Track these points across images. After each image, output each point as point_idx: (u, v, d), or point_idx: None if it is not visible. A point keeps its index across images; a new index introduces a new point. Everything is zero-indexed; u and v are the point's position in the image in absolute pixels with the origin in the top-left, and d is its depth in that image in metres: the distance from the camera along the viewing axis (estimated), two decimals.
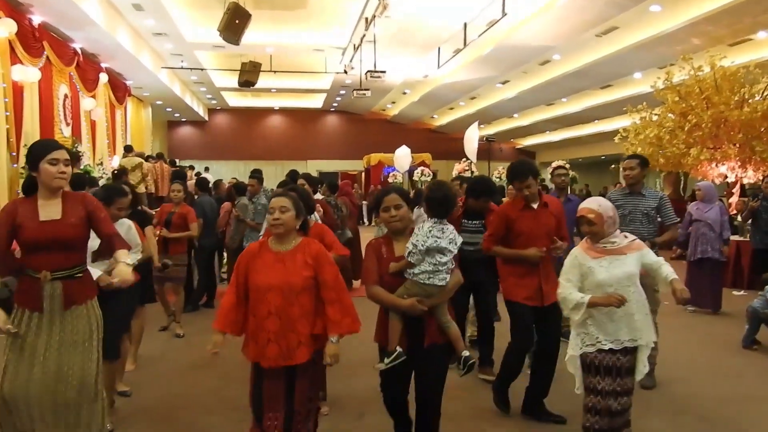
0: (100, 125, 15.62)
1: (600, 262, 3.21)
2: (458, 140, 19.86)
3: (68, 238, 3.11)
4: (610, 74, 15.72)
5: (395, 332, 3.23)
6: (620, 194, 5.07)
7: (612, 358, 3.18)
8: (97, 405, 3.17)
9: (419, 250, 3.20)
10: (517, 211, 4.29)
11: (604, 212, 3.24)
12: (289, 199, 3.15)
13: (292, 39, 15.87)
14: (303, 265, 3.05)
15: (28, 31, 10.98)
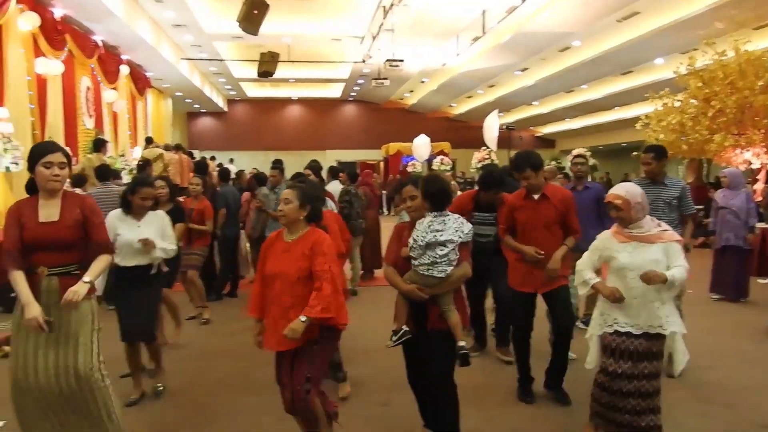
0: (122, 117, 15.79)
1: (625, 246, 3.31)
2: (477, 129, 19.76)
3: (64, 239, 3.22)
4: (632, 60, 15.52)
5: (401, 311, 3.43)
6: (642, 183, 4.99)
7: (630, 342, 3.25)
8: (102, 391, 3.26)
9: (419, 245, 3.34)
10: (520, 201, 4.40)
11: (632, 198, 3.29)
12: (293, 191, 3.30)
13: (310, 29, 15.88)
14: (300, 256, 3.19)
15: (50, 24, 11.10)
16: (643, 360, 3.23)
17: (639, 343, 3.23)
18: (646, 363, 3.23)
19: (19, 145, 9.57)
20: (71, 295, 3.09)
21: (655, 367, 3.27)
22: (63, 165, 3.24)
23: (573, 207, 4.39)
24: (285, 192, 3.35)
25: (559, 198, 4.35)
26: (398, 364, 3.71)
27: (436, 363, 3.39)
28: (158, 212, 4.55)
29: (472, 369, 3.49)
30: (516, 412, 4.24)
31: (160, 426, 4.03)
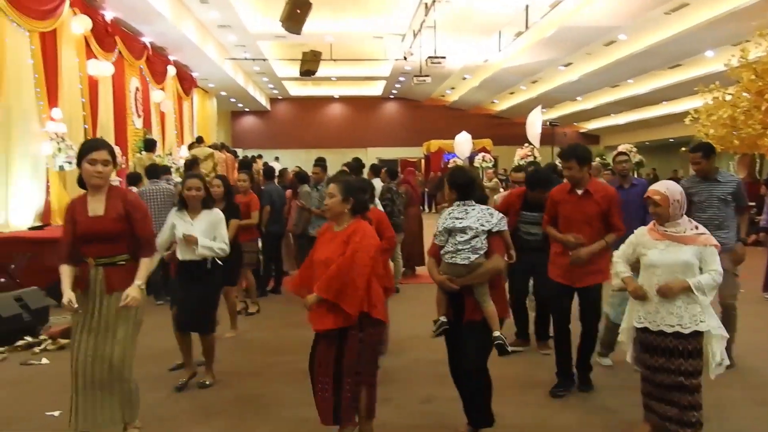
0: (169, 116, 16.19)
1: (657, 244, 3.33)
2: (519, 125, 19.54)
3: (109, 232, 3.39)
4: (680, 53, 15.10)
5: (440, 303, 3.56)
6: (694, 181, 4.97)
7: (660, 339, 3.28)
8: (126, 386, 3.42)
9: (440, 231, 3.51)
10: (563, 195, 4.44)
11: (671, 195, 3.29)
12: (336, 185, 3.48)
13: (352, 27, 15.96)
14: (341, 244, 3.37)
15: (101, 27, 11.45)
16: (678, 357, 3.24)
17: (669, 340, 3.25)
18: (682, 360, 3.23)
19: (72, 145, 9.91)
20: (131, 301, 3.29)
21: (691, 365, 3.24)
22: (107, 162, 3.39)
23: (616, 204, 4.36)
24: (330, 187, 3.51)
25: (601, 194, 4.34)
26: (441, 359, 3.72)
27: (469, 353, 3.44)
28: (213, 210, 4.64)
29: (514, 363, 3.51)
30: (562, 409, 4.20)
31: (204, 411, 4.12)
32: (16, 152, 9.13)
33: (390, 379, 4.67)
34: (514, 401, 4.21)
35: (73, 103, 10.68)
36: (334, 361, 3.33)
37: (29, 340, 5.67)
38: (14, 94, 8.98)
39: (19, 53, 9.13)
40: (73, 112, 10.65)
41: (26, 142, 9.37)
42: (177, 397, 4.43)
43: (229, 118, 29.19)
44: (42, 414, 4.07)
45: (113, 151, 3.49)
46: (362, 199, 3.56)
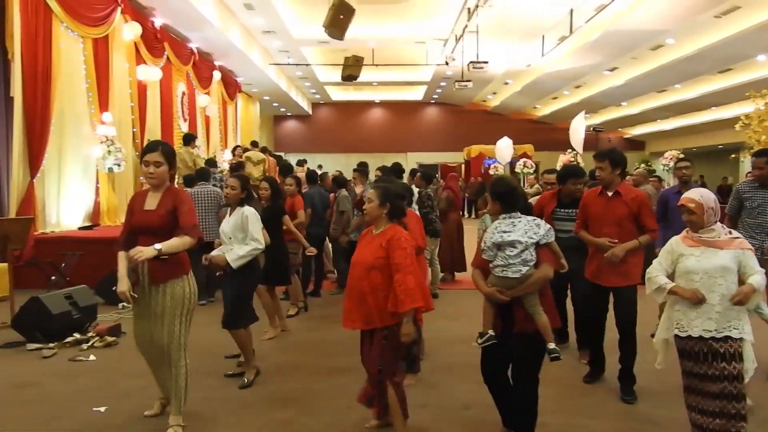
0: (214, 120, 16.53)
1: (693, 251, 3.31)
2: (562, 130, 19.27)
3: (155, 225, 3.60)
4: (730, 57, 14.67)
5: (487, 315, 3.53)
6: (750, 186, 5.01)
7: (701, 344, 3.24)
8: (178, 369, 3.67)
9: (488, 246, 3.47)
10: (593, 197, 4.57)
11: (705, 203, 3.30)
12: (374, 191, 3.63)
13: (394, 32, 16.02)
14: (378, 247, 3.49)
15: (150, 33, 11.78)
16: (720, 360, 3.22)
17: (709, 344, 3.23)
18: (725, 364, 3.21)
19: (121, 147, 10.21)
20: (134, 252, 3.42)
21: (735, 368, 3.21)
22: (158, 164, 3.64)
23: (647, 206, 4.46)
24: (369, 192, 3.66)
25: (631, 196, 4.45)
26: (479, 364, 3.70)
27: (521, 366, 3.43)
28: (245, 208, 4.75)
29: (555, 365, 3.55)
30: (601, 416, 4.12)
31: (246, 409, 4.18)
32: (68, 154, 9.45)
33: (428, 385, 4.66)
34: (550, 406, 4.15)
35: (123, 107, 11.01)
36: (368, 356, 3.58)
37: (78, 336, 5.84)
38: (67, 99, 9.31)
39: (73, 59, 9.47)
40: (123, 115, 10.98)
41: (78, 144, 9.70)
42: (218, 392, 4.50)
43: (272, 122, 29.60)
44: (89, 410, 4.18)
45: (168, 152, 3.71)
46: (399, 204, 3.67)
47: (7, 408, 4.25)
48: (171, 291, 3.61)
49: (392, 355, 3.52)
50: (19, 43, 7.98)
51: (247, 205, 4.80)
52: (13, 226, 6.57)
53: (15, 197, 8.16)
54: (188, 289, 3.68)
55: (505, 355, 3.48)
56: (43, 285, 7.44)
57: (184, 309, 3.65)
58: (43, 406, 4.27)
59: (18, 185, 8.20)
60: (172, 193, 3.69)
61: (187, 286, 3.68)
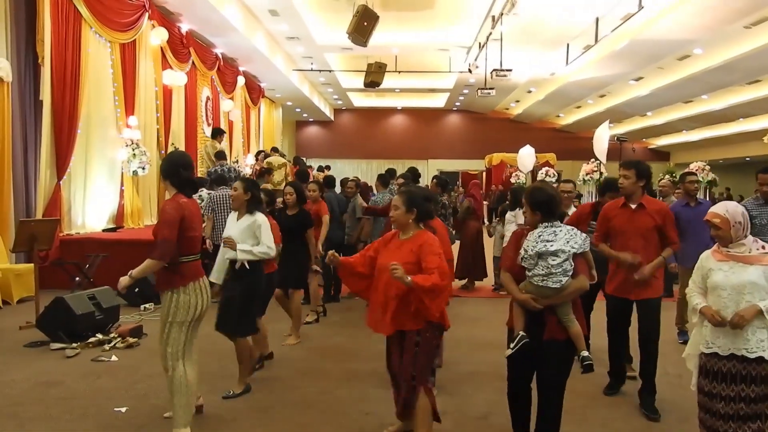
0: (237, 125, 16.67)
1: (721, 265, 3.21)
2: (585, 139, 19.12)
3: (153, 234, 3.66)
4: (760, 68, 14.44)
5: (518, 318, 3.43)
6: (756, 204, 5.11)
7: (722, 363, 3.16)
8: (172, 379, 3.64)
9: (529, 255, 3.34)
10: (615, 210, 4.53)
11: (731, 217, 3.18)
12: (399, 197, 3.65)
13: (418, 39, 16.02)
14: (408, 252, 3.48)
15: (177, 39, 11.94)
16: (739, 383, 3.11)
17: (732, 365, 3.13)
18: (743, 386, 3.10)
19: (146, 151, 10.33)
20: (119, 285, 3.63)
21: (753, 390, 3.11)
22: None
23: (670, 218, 4.47)
24: (394, 199, 3.69)
25: (655, 208, 4.45)
26: (498, 373, 3.65)
27: (550, 374, 3.37)
28: (255, 215, 4.67)
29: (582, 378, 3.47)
30: (625, 428, 4.06)
31: (263, 408, 4.18)
32: (94, 157, 9.59)
33: (447, 392, 4.63)
34: (572, 418, 4.09)
35: (148, 111, 11.15)
36: (397, 363, 3.56)
37: (100, 337, 5.90)
38: (94, 102, 9.46)
39: (101, 63, 9.62)
40: (148, 119, 11.13)
41: (103, 147, 9.84)
42: (233, 402, 4.50)
43: (294, 127, 29.78)
44: (111, 410, 4.22)
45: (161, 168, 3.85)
46: (426, 207, 3.66)
47: (31, 406, 4.30)
48: (173, 299, 3.61)
49: (426, 361, 3.51)
50: (50, 48, 8.12)
51: (258, 212, 4.71)
52: (40, 227, 6.68)
53: (42, 199, 8.29)
54: (193, 300, 3.65)
55: (532, 363, 3.41)
56: (68, 285, 7.55)
57: (184, 318, 3.63)
58: (66, 405, 4.31)
59: (45, 187, 8.34)
60: (162, 205, 3.78)
61: (192, 296, 3.65)
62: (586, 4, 11.92)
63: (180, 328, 3.64)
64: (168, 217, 3.57)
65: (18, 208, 7.99)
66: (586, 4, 11.90)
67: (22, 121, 8.01)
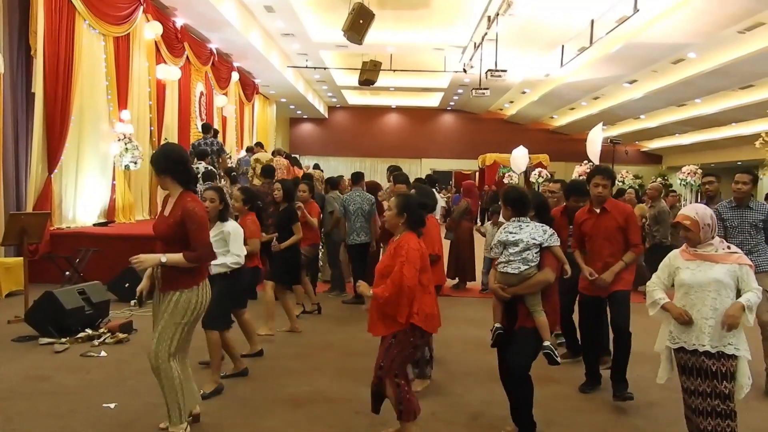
0: (230, 121, 16.61)
1: (689, 264, 3.36)
2: (578, 141, 19.18)
3: (162, 233, 3.53)
4: (753, 74, 14.54)
5: (496, 310, 3.83)
6: (728, 207, 5.21)
7: (694, 359, 3.26)
8: (168, 381, 3.49)
9: (495, 244, 3.84)
10: (584, 215, 4.77)
11: (701, 220, 3.32)
12: (395, 200, 3.74)
13: (413, 38, 16.02)
14: (388, 255, 3.65)
15: (171, 33, 11.87)
16: (712, 378, 3.21)
17: (702, 360, 3.23)
18: (716, 382, 3.20)
19: (138, 145, 10.27)
20: (134, 258, 3.41)
21: (726, 387, 3.20)
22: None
23: (633, 221, 4.67)
24: (390, 201, 3.79)
25: (619, 211, 4.65)
26: (490, 374, 3.67)
27: (515, 357, 3.65)
28: (227, 223, 4.58)
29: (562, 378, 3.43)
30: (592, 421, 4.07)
31: (253, 406, 4.17)
32: (86, 151, 9.53)
33: (437, 392, 4.63)
34: (560, 420, 4.10)
35: (141, 106, 11.09)
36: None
37: (90, 332, 5.86)
38: (87, 96, 9.39)
39: (94, 57, 9.56)
40: (141, 114, 11.06)
41: (96, 141, 9.78)
42: (227, 392, 4.48)
43: (288, 124, 29.72)
44: (99, 406, 4.19)
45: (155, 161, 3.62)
46: (418, 215, 3.73)
47: (20, 401, 4.26)
48: (177, 299, 3.48)
49: (398, 355, 3.55)
50: (42, 40, 8.06)
51: (230, 220, 4.65)
52: (30, 221, 6.62)
53: (33, 192, 8.23)
54: (195, 300, 3.54)
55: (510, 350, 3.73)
56: (57, 280, 7.50)
57: (184, 319, 3.51)
58: (55, 400, 4.28)
59: (36, 180, 8.27)
60: (182, 203, 3.51)
61: (195, 297, 3.53)
62: (581, 6, 11.95)
63: (181, 329, 3.53)
64: (202, 220, 3.50)
65: (8, 201, 7.92)
66: (582, 6, 11.93)
67: (13, 113, 7.93)
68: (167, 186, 3.59)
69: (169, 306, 3.49)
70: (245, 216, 5.29)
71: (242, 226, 4.95)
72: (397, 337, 3.55)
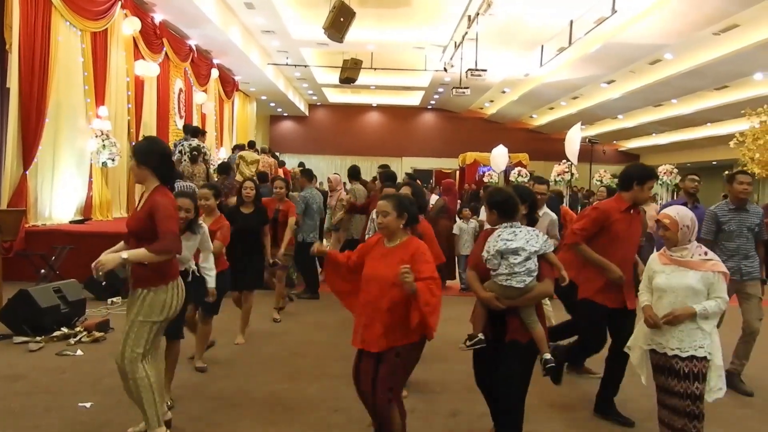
0: (210, 118, 16.48)
1: (665, 269, 3.40)
2: (557, 141, 19.35)
3: (133, 227, 3.43)
4: (728, 75, 14.78)
5: (478, 318, 3.43)
6: (728, 210, 4.99)
7: (666, 360, 3.34)
8: (136, 381, 3.36)
9: (491, 254, 3.32)
10: (618, 213, 4.14)
11: (681, 220, 3.35)
12: (388, 202, 3.35)
13: (394, 36, 16.03)
14: (400, 262, 3.15)
15: (150, 29, 11.75)
16: (683, 379, 3.28)
17: (675, 362, 3.30)
18: (688, 383, 3.27)
19: (116, 142, 10.16)
20: (97, 263, 3.20)
21: (698, 388, 3.27)
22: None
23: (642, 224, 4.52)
24: (380, 204, 3.37)
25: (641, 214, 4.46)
26: (469, 371, 3.66)
27: (507, 373, 3.30)
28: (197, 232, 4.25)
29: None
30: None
31: (232, 404, 4.15)
32: (62, 147, 9.40)
33: (416, 390, 4.65)
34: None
35: (119, 102, 10.96)
36: (372, 375, 3.26)
37: (65, 331, 5.79)
38: (64, 91, 9.25)
39: (70, 52, 9.42)
40: (119, 110, 10.94)
41: (73, 137, 9.65)
42: (206, 391, 4.47)
43: (268, 122, 29.56)
44: (75, 405, 4.15)
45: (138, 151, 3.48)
46: (414, 212, 3.46)
47: None
48: (146, 297, 3.37)
49: (404, 374, 3.32)
50: (18, 34, 7.92)
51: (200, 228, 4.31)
52: (4, 218, 6.53)
53: (7, 189, 8.09)
54: (165, 299, 3.40)
55: (497, 361, 3.36)
56: (33, 278, 7.40)
57: (151, 318, 3.38)
58: (30, 400, 4.23)
59: (11, 177, 8.13)
60: (152, 198, 3.38)
61: (165, 296, 3.40)
62: (560, 6, 12.06)
63: (150, 328, 3.40)
64: (169, 211, 3.34)
65: None
66: (561, 6, 12.03)
67: None
68: (144, 178, 3.44)
69: (138, 304, 3.38)
70: (221, 221, 5.03)
71: (217, 229, 4.81)
72: (401, 353, 3.22)
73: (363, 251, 3.49)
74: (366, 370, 3.28)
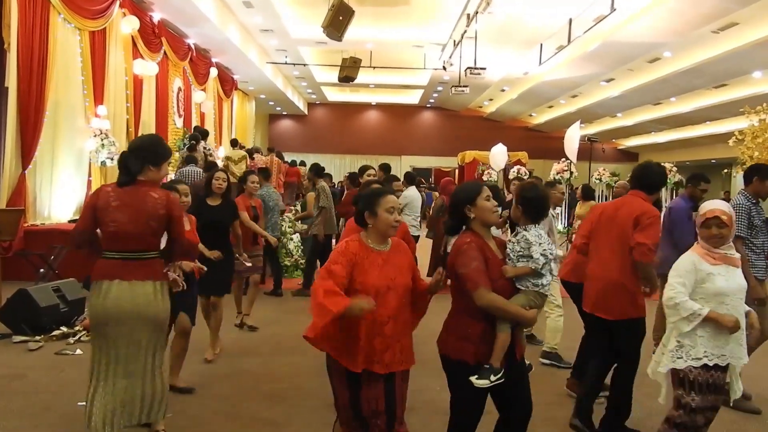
0: (209, 117, 16.48)
1: (718, 269, 2.97)
2: (556, 139, 19.35)
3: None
4: (727, 73, 14.77)
5: (503, 347, 2.82)
6: (752, 203, 4.65)
7: (708, 374, 2.95)
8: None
9: (549, 260, 2.86)
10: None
11: (733, 215, 3.06)
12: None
13: (393, 35, 16.03)
14: (407, 268, 2.96)
15: (148, 28, 11.74)
16: (719, 392, 3.00)
17: (719, 375, 2.96)
18: (720, 396, 3.02)
19: (115, 141, 10.15)
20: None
21: (724, 399, 3.09)
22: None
23: None
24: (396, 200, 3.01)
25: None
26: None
27: (527, 402, 2.98)
28: None
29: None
30: None
31: (233, 403, 4.15)
32: (61, 147, 9.39)
33: (414, 388, 4.53)
34: None
35: (118, 101, 10.95)
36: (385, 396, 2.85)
37: (65, 330, 5.80)
38: (62, 91, 9.25)
39: (69, 51, 9.41)
40: (117, 109, 10.92)
41: (71, 137, 9.64)
42: (206, 390, 4.47)
43: (267, 120, 29.55)
44: (74, 404, 4.15)
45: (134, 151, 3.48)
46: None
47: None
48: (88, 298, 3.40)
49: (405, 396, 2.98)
50: (16, 33, 7.91)
51: None
52: (3, 217, 6.54)
53: (6, 188, 8.08)
54: (94, 300, 3.33)
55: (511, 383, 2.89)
56: (32, 277, 7.40)
57: (90, 323, 3.41)
58: (29, 399, 4.23)
59: (9, 176, 8.13)
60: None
61: (97, 298, 3.32)
62: (559, 4, 12.05)
63: (93, 338, 3.19)
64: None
65: None
66: (560, 4, 12.03)
67: None
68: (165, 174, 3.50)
69: None
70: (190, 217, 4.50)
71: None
72: (405, 379, 2.94)
73: (349, 265, 2.79)
74: (377, 396, 2.81)
